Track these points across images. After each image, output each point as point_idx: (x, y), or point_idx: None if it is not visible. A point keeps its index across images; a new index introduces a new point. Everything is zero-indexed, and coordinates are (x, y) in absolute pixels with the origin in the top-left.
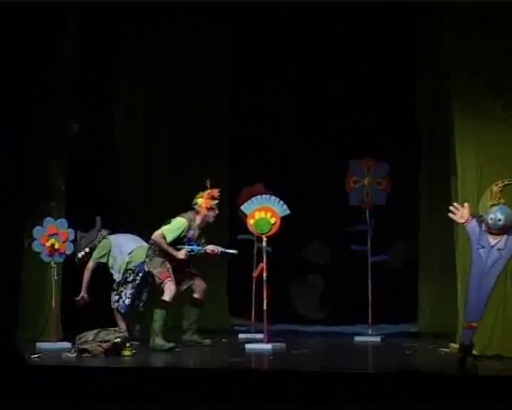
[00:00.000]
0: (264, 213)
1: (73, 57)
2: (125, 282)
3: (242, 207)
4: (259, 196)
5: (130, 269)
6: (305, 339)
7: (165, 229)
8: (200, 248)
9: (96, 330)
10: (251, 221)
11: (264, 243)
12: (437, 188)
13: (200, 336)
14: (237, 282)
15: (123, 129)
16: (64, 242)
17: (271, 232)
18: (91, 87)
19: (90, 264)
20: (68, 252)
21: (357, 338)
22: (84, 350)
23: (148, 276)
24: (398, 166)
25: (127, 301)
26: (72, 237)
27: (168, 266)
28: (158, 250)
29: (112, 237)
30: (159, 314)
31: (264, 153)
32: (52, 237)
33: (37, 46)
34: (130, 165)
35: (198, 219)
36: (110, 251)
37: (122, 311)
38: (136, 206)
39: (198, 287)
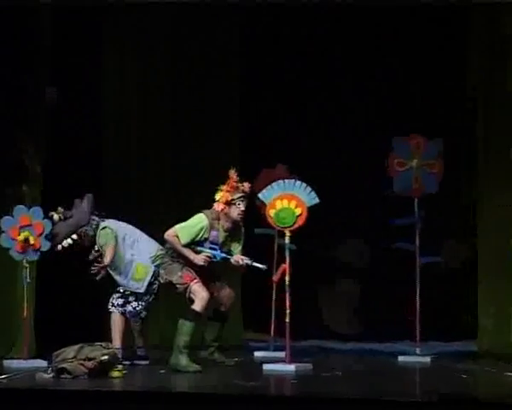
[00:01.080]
0: (287, 201)
1: (53, 17)
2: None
3: (260, 195)
4: (281, 181)
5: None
6: (336, 359)
7: (178, 227)
8: (223, 254)
9: (77, 346)
10: (271, 212)
11: (286, 240)
12: (502, 174)
13: (221, 355)
14: (253, 287)
15: (114, 99)
16: (39, 235)
17: (296, 226)
18: (75, 49)
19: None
20: (44, 248)
21: (401, 358)
22: (64, 370)
23: (164, 288)
24: (455, 146)
25: (137, 308)
26: (49, 229)
27: (190, 269)
28: (175, 256)
29: (117, 227)
30: (186, 327)
31: (288, 127)
32: (24, 229)
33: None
34: (122, 143)
35: (222, 219)
36: (115, 245)
37: (132, 318)
38: (130, 194)
39: (224, 296)
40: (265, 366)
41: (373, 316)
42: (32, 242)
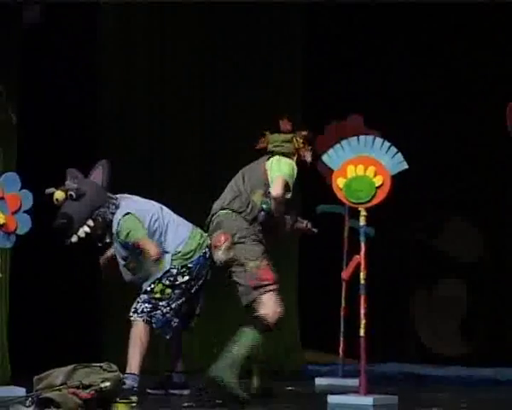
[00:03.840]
0: (362, 168)
1: None
2: (172, 285)
3: (325, 158)
4: (355, 139)
5: (186, 267)
6: (435, 389)
7: (282, 176)
8: None
9: (69, 367)
10: (340, 182)
11: (361, 221)
12: None
13: (269, 380)
14: (314, 288)
15: (116, 30)
16: (14, 213)
17: (375, 202)
18: None
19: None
20: (22, 231)
21: None
22: (49, 401)
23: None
24: None
25: (168, 314)
26: (29, 204)
27: (270, 262)
28: (252, 226)
29: (143, 214)
30: (252, 338)
31: (364, 64)
32: None
33: None
34: (127, 84)
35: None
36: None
37: (162, 331)
38: (134, 156)
39: None
40: (332, 398)
41: (490, 330)
42: (2, 221)
